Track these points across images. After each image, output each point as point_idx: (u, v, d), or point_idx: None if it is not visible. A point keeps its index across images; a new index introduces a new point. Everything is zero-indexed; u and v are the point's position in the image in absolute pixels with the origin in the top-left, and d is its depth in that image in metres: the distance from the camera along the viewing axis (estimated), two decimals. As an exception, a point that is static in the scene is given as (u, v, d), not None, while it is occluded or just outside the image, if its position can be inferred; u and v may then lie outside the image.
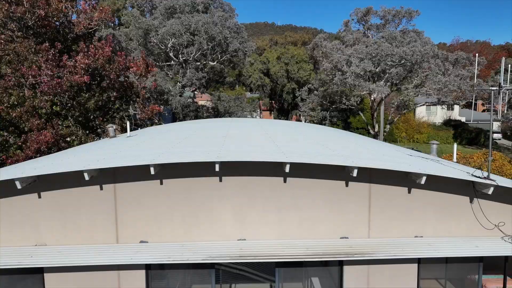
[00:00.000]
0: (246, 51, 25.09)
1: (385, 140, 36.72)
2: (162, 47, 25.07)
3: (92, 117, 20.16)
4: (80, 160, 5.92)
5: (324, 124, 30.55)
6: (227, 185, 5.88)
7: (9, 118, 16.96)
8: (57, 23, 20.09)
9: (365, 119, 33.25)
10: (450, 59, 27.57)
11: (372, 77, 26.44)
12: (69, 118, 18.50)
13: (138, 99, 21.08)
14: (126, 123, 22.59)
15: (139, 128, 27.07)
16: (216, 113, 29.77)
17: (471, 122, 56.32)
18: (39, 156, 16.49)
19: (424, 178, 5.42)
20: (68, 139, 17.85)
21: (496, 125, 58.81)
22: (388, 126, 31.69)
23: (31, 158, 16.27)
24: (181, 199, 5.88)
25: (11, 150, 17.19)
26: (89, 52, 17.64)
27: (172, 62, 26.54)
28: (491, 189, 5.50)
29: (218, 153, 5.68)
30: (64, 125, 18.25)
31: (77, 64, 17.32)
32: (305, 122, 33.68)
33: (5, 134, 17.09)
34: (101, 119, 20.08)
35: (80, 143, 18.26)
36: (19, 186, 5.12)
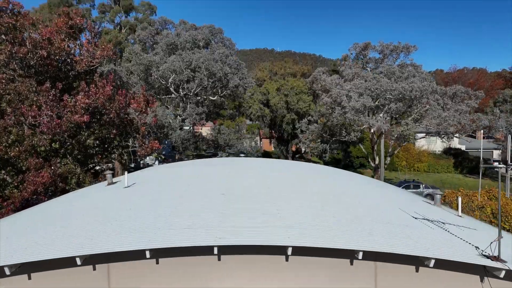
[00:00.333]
0: (246, 87, 25.30)
1: (385, 169, 36.46)
2: (163, 82, 25.29)
3: (91, 153, 20.08)
4: (72, 240, 5.68)
5: (325, 158, 30.40)
6: (226, 264, 5.63)
7: (7, 157, 16.83)
8: (59, 60, 20.26)
9: (365, 151, 33.14)
10: (448, 93, 27.76)
11: (371, 109, 26.52)
12: (68, 156, 18.38)
13: (137, 135, 21.04)
14: (125, 159, 22.51)
15: (139, 160, 26.84)
16: (216, 145, 29.73)
17: (475, 150, 56.03)
18: (36, 198, 16.27)
19: (432, 262, 5.19)
20: (67, 175, 17.70)
21: (496, 154, 58.76)
22: (388, 158, 31.53)
23: (27, 200, 16.03)
24: (178, 278, 5.61)
25: (8, 189, 16.98)
26: (90, 92, 17.71)
27: (173, 95, 26.71)
28: (503, 272, 5.26)
29: (216, 233, 5.46)
30: (63, 163, 18.11)
31: (77, 104, 17.34)
32: (305, 151, 33.47)
33: (2, 172, 16.92)
34: (100, 156, 19.95)
35: (78, 181, 18.09)
36: (8, 273, 4.88)
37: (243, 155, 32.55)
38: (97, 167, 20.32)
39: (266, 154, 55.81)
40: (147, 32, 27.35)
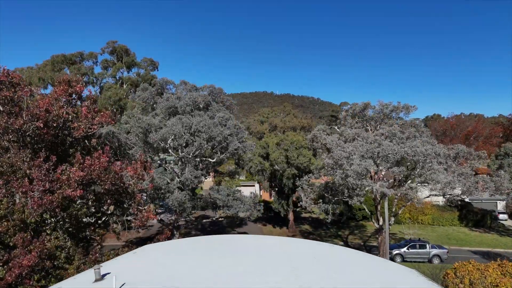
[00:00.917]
0: (245, 150, 24.95)
1: (389, 225, 35.23)
2: (162, 144, 24.94)
3: (83, 224, 19.25)
4: None
5: (327, 219, 29.40)
6: None
7: (-6, 234, 16.01)
8: (56, 127, 19.94)
9: (368, 211, 32.21)
10: (451, 155, 27.36)
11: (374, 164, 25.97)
12: (58, 229, 17.53)
13: (133, 203, 20.25)
14: (119, 229, 21.53)
15: (133, 229, 25.77)
16: (214, 206, 28.83)
17: (478, 201, 54.84)
18: (20, 281, 15.20)
19: None
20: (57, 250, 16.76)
21: (501, 205, 57.53)
22: (393, 219, 30.50)
23: (10, 285, 14.98)
24: None
25: (-7, 267, 15.95)
26: (85, 164, 17.18)
27: (171, 154, 26.28)
28: None
29: None
30: (53, 236, 17.23)
31: (71, 176, 16.76)
32: (305, 203, 32.35)
33: (-12, 248, 16.03)
34: (92, 228, 19.07)
35: (68, 255, 17.12)
36: None
37: (242, 214, 31.52)
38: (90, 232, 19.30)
39: (266, 205, 54.67)
40: (147, 94, 27.47)
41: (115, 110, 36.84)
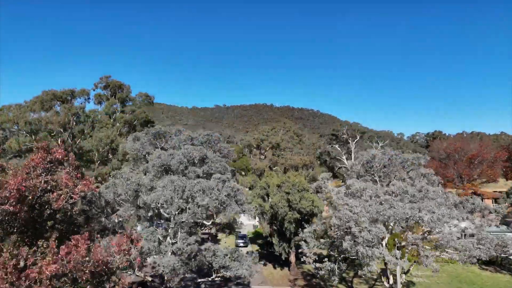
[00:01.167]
0: (244, 212, 22.85)
1: (401, 283, 32.73)
2: (153, 205, 22.80)
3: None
4: None
5: (333, 280, 27.04)
6: None
7: None
8: (32, 200, 17.80)
9: (377, 268, 29.83)
10: (466, 209, 25.25)
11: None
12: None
13: (116, 286, 17.96)
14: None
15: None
16: (210, 267, 26.50)
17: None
18: None
19: None
20: None
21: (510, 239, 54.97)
22: (404, 276, 28.18)
23: None
24: None
25: None
26: (60, 254, 15.00)
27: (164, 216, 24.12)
28: None
29: None
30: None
31: (42, 270, 14.58)
32: (309, 258, 29.76)
33: None
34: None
35: None
36: None
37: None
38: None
39: (266, 239, 52.09)
40: (138, 145, 25.44)
41: (107, 151, 34.75)
